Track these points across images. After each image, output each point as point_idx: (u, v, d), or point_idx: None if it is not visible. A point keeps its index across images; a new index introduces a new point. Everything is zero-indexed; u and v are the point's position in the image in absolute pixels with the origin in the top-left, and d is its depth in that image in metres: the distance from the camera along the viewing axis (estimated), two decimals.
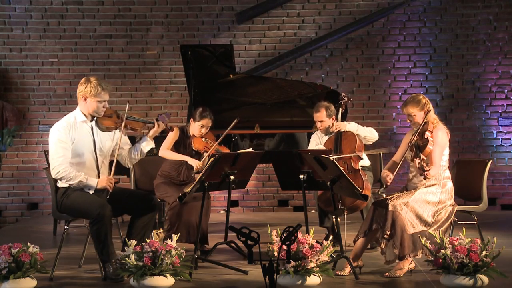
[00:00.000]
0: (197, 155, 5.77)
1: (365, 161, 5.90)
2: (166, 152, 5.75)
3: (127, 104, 4.94)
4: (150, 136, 5.03)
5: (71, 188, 4.82)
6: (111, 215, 4.74)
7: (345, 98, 5.89)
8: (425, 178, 4.72)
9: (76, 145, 4.82)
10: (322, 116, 5.86)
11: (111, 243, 4.71)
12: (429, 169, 4.65)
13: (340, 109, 5.87)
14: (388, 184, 4.97)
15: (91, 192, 4.81)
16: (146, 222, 4.90)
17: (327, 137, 5.90)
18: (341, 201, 5.21)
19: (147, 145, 5.04)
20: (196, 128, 5.77)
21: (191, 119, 5.83)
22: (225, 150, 5.94)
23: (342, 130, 5.69)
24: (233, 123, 5.84)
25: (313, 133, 6.74)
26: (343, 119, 5.96)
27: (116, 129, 4.97)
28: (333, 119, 5.88)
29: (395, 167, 4.97)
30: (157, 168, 5.91)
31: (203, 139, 5.81)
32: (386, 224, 4.70)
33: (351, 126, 5.75)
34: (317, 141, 6.05)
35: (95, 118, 4.92)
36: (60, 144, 4.77)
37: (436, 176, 4.83)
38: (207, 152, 5.72)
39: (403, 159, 5.02)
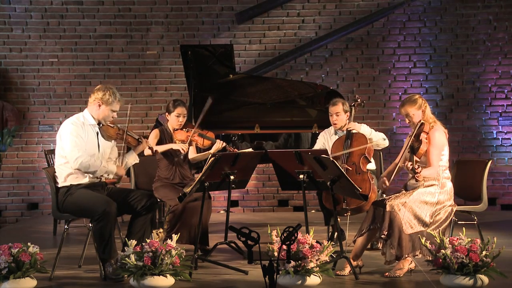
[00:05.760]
0: None
1: (372, 165, 5.89)
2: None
3: (128, 119, 5.06)
4: (136, 152, 5.16)
5: (74, 187, 4.86)
6: (116, 212, 4.77)
7: (359, 100, 5.90)
8: (416, 181, 4.73)
9: (86, 144, 4.88)
10: (339, 109, 5.82)
11: (114, 241, 4.74)
12: (420, 171, 4.65)
13: (353, 110, 5.87)
14: (385, 189, 4.98)
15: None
16: (145, 220, 4.95)
17: (336, 137, 5.86)
18: (346, 201, 5.20)
19: (133, 160, 5.18)
20: (174, 119, 5.80)
21: (166, 114, 5.86)
22: (209, 133, 5.97)
23: (355, 131, 5.67)
24: (208, 104, 5.86)
25: (313, 133, 6.72)
26: None
27: (116, 140, 5.07)
28: (347, 116, 5.87)
29: (393, 170, 4.99)
30: (156, 169, 5.91)
31: (183, 130, 5.84)
32: (384, 224, 4.70)
33: (365, 129, 5.71)
34: (323, 141, 6.01)
35: (100, 125, 4.99)
36: (77, 138, 4.84)
37: (434, 176, 4.83)
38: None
39: (403, 161, 5.02)
